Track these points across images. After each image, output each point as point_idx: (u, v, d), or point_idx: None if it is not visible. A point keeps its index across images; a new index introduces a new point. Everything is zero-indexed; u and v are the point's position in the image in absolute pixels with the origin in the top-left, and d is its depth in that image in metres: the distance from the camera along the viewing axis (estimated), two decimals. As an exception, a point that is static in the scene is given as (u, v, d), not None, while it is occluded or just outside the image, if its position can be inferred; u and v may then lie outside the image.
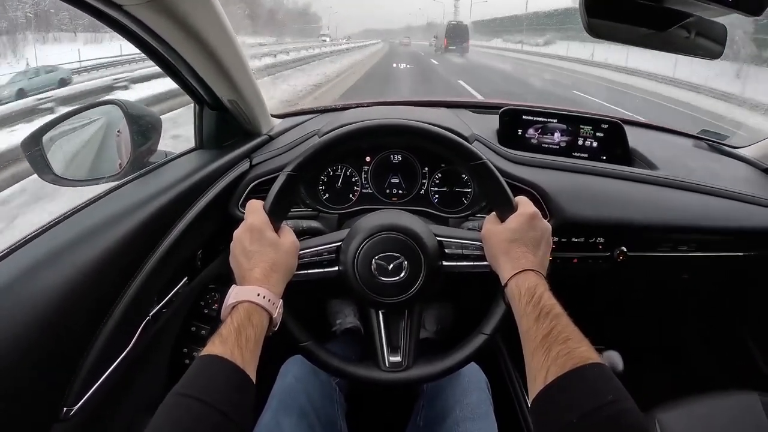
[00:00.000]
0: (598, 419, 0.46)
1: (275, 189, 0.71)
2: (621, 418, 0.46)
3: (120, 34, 0.72)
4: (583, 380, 0.50)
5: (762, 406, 0.91)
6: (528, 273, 0.64)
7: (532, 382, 0.54)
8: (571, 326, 0.56)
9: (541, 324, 0.57)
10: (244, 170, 0.98)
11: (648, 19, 0.75)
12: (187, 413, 0.48)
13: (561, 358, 0.52)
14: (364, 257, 0.75)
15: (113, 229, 0.70)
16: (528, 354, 0.57)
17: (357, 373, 0.76)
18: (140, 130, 0.91)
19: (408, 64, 19.67)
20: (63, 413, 0.61)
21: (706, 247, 1.08)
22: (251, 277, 0.63)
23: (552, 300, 0.60)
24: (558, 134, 1.18)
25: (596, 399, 0.47)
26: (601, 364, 0.51)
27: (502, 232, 0.70)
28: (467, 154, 0.75)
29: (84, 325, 0.64)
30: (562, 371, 0.51)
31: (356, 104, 1.31)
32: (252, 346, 0.56)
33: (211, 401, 0.48)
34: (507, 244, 0.68)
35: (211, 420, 0.47)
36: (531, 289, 0.62)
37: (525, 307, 0.60)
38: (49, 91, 7.01)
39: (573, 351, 0.52)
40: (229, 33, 0.82)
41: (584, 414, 0.47)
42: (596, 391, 0.48)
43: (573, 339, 0.54)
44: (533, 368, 0.54)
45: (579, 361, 0.51)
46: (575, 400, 0.48)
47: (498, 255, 0.69)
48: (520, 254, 0.67)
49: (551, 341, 0.54)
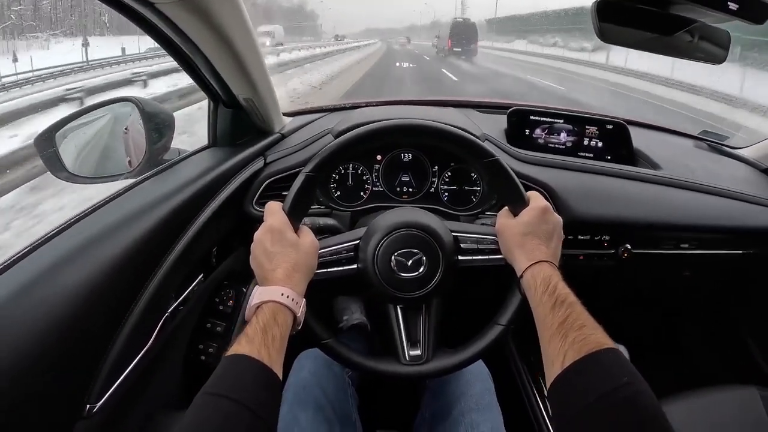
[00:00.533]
0: (615, 400, 0.48)
1: (294, 190, 0.72)
2: (637, 398, 0.48)
3: (144, 31, 0.72)
4: (600, 364, 0.52)
5: (761, 401, 0.93)
6: (543, 264, 0.67)
7: (550, 367, 0.56)
8: (585, 314, 0.58)
9: (557, 312, 0.59)
10: (258, 168, 0.99)
11: (654, 24, 0.78)
12: (217, 412, 0.48)
13: (577, 344, 0.54)
14: (383, 254, 0.76)
15: (131, 228, 0.70)
16: (545, 340, 0.59)
17: (378, 367, 0.77)
18: (155, 127, 0.91)
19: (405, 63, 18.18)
20: (86, 411, 0.62)
21: (707, 245, 1.11)
22: (274, 278, 0.64)
23: (566, 289, 0.62)
24: (564, 134, 1.20)
25: (612, 381, 0.49)
26: (615, 349, 0.53)
27: (516, 225, 0.72)
28: (481, 151, 0.77)
29: (105, 323, 0.64)
30: (578, 356, 0.52)
31: (365, 103, 1.32)
32: (278, 345, 0.57)
33: (240, 399, 0.49)
34: (521, 237, 0.71)
35: (241, 417, 0.48)
36: (546, 279, 0.64)
37: (541, 297, 0.62)
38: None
39: (588, 337, 0.54)
40: (251, 32, 0.83)
41: (601, 395, 0.48)
42: (612, 374, 0.50)
43: (588, 326, 0.56)
44: (550, 354, 0.56)
45: (594, 346, 0.53)
46: (592, 382, 0.50)
47: (513, 248, 0.71)
48: (534, 246, 0.69)
49: (567, 328, 0.56)
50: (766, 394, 0.95)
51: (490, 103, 1.42)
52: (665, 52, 0.83)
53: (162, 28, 0.72)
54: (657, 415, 0.47)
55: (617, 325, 1.24)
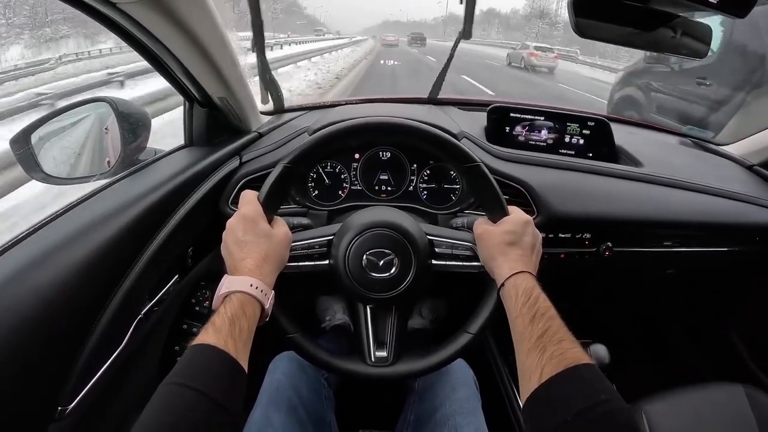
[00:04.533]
0: (593, 416, 0.47)
1: (271, 179, 0.71)
2: (615, 415, 0.47)
3: (111, 31, 0.72)
4: (578, 379, 0.51)
5: (747, 398, 0.93)
6: (525, 275, 0.66)
7: (526, 381, 0.55)
8: (564, 328, 0.57)
9: (536, 325, 0.58)
10: (234, 167, 0.99)
11: (634, 19, 0.77)
12: (181, 401, 0.48)
13: (555, 358, 0.53)
14: (355, 252, 0.75)
15: (104, 228, 0.69)
16: (522, 354, 0.58)
17: (343, 366, 0.77)
18: (130, 128, 0.90)
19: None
20: (58, 413, 0.61)
21: (690, 243, 1.10)
22: (243, 267, 0.63)
23: (547, 302, 0.61)
24: (545, 131, 1.19)
25: (591, 397, 0.49)
26: (593, 365, 0.52)
27: (499, 234, 0.71)
28: (462, 155, 0.76)
29: (76, 325, 0.64)
30: (556, 370, 0.52)
31: (345, 101, 1.32)
32: (245, 337, 0.57)
33: (205, 389, 0.48)
34: (504, 246, 0.70)
35: (205, 407, 0.48)
36: (528, 291, 0.63)
37: (521, 308, 0.61)
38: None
39: (566, 352, 0.53)
40: (221, 30, 0.82)
41: (579, 411, 0.48)
42: (590, 389, 0.50)
43: (566, 340, 0.55)
44: (527, 368, 0.55)
45: (572, 362, 0.52)
46: (569, 398, 0.49)
47: (496, 255, 0.70)
48: (517, 256, 0.68)
49: (546, 342, 0.55)
50: (751, 392, 0.94)
51: (471, 101, 1.42)
52: (646, 47, 0.83)
53: (129, 29, 0.72)
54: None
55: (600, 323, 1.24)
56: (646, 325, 1.58)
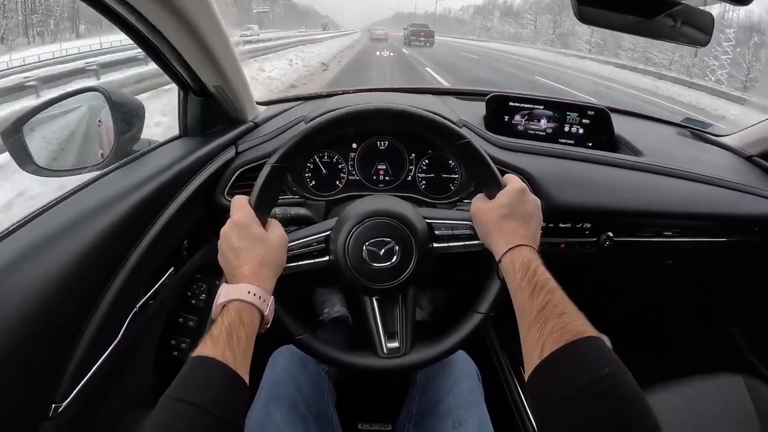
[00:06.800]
0: (595, 392, 0.45)
1: (259, 182, 0.70)
2: (618, 390, 0.46)
3: (108, 19, 0.70)
4: (579, 353, 0.49)
5: (747, 389, 0.92)
6: (522, 248, 0.64)
7: (528, 357, 0.53)
8: (565, 300, 0.56)
9: (536, 298, 0.56)
10: (229, 158, 0.97)
11: (636, 6, 0.76)
12: (180, 417, 0.47)
13: (556, 332, 0.51)
14: (354, 244, 0.74)
15: (97, 220, 0.68)
16: (523, 328, 0.56)
17: (355, 362, 0.76)
18: (123, 118, 0.89)
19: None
20: (51, 410, 0.60)
21: (690, 233, 1.10)
22: (240, 275, 0.62)
23: (546, 275, 0.60)
24: (544, 121, 1.18)
25: (593, 372, 0.47)
26: (597, 336, 0.50)
27: (492, 209, 0.70)
28: (451, 133, 0.74)
29: (70, 319, 0.63)
30: (557, 345, 0.50)
31: (342, 91, 1.31)
32: (244, 346, 0.56)
33: (204, 404, 0.47)
34: (499, 220, 0.68)
35: (204, 423, 0.47)
36: (525, 264, 0.61)
37: (520, 282, 0.60)
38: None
39: (568, 325, 0.51)
40: (217, 18, 0.81)
41: (581, 387, 0.46)
42: (592, 364, 0.48)
43: (568, 313, 0.53)
44: (529, 343, 0.54)
45: (574, 335, 0.50)
46: (571, 373, 0.48)
47: (491, 231, 0.69)
48: (513, 229, 0.67)
49: (546, 315, 0.54)
50: (751, 383, 0.94)
51: (470, 90, 1.40)
52: (648, 35, 0.83)
53: (125, 16, 0.70)
54: (640, 405, 0.45)
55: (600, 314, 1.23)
56: (646, 316, 1.58)
